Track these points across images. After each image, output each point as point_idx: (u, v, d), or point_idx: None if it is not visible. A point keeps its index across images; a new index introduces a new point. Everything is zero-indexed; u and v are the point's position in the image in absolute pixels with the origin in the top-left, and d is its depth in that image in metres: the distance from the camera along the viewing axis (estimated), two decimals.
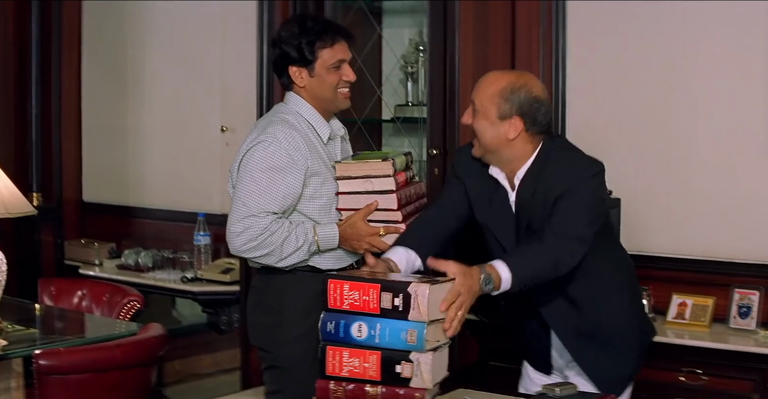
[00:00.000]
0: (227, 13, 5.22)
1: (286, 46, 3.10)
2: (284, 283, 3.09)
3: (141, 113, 5.74)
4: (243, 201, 3.00)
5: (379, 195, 3.06)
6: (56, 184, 5.89)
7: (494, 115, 2.87)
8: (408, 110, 4.74)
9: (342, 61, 3.12)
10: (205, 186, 5.37)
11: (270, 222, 2.98)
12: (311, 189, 3.06)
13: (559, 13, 4.10)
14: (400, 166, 3.12)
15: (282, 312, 3.08)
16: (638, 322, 3.11)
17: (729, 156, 3.87)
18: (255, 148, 3.02)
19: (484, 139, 2.91)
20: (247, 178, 3.01)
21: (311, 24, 3.11)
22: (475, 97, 2.92)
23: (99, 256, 5.59)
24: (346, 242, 3.08)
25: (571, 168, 2.87)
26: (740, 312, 3.74)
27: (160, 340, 3.59)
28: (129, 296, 4.27)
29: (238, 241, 2.99)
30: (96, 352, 3.49)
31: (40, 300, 4.49)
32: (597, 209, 2.89)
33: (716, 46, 3.87)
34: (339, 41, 3.11)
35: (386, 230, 3.06)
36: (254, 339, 3.21)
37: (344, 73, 3.13)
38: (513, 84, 2.87)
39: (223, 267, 5.00)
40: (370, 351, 2.52)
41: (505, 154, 2.91)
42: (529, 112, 2.86)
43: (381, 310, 2.50)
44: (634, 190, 3.99)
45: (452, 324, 2.57)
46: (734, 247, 3.85)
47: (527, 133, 2.88)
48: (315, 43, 3.07)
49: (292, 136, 3.03)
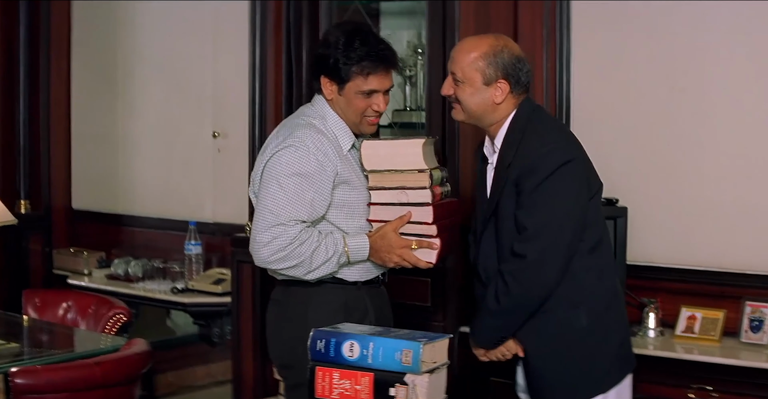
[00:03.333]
0: (219, 15, 5.23)
1: (325, 51, 2.99)
2: (308, 295, 3.00)
3: (131, 118, 5.76)
4: (270, 209, 2.88)
5: (413, 207, 2.96)
6: (45, 192, 5.91)
7: (479, 81, 2.90)
8: (406, 115, 4.67)
9: (375, 92, 3.00)
10: (197, 193, 5.37)
11: (299, 231, 2.87)
12: (340, 197, 2.98)
13: (563, 14, 4.05)
14: (436, 180, 3.01)
15: (307, 325, 2.91)
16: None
17: (740, 162, 3.81)
18: (281, 153, 2.92)
19: (470, 106, 2.94)
20: (274, 184, 2.90)
21: (358, 44, 2.96)
22: (454, 66, 2.93)
23: (88, 266, 5.60)
24: (376, 254, 2.98)
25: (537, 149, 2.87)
26: (752, 326, 3.68)
27: (143, 356, 3.54)
28: (115, 309, 4.26)
29: (265, 251, 2.87)
30: (75, 371, 3.44)
31: (25, 312, 4.48)
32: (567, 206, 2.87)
33: (725, 48, 3.81)
34: (377, 72, 2.98)
35: (419, 244, 2.96)
36: (276, 356, 3.11)
37: (374, 102, 3.02)
38: (494, 47, 2.90)
39: (215, 277, 4.97)
40: (362, 372, 2.43)
41: (488, 119, 2.96)
42: (513, 73, 2.91)
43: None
44: (641, 198, 3.94)
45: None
46: (746, 258, 3.78)
47: (511, 95, 2.93)
48: (351, 67, 2.96)
49: (320, 142, 2.94)
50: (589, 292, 2.94)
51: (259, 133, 4.63)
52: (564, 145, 2.91)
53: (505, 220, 2.92)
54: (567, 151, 2.88)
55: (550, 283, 2.86)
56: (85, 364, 3.43)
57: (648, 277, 3.91)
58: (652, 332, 3.78)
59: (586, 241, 2.91)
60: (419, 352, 2.37)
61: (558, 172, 2.83)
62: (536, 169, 2.83)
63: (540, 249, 2.83)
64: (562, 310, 2.91)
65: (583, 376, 2.95)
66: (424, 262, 2.97)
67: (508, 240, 2.90)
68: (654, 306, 3.80)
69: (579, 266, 2.90)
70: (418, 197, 2.95)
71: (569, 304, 2.91)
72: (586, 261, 2.92)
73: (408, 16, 4.71)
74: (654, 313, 3.79)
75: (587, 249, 2.92)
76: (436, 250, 2.96)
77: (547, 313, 2.91)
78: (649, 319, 3.79)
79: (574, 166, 2.86)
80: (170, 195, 5.53)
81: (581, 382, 2.96)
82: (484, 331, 3.00)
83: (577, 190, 2.88)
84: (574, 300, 2.91)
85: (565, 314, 2.91)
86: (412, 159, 2.94)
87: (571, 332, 2.93)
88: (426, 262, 2.97)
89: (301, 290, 2.99)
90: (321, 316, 2.94)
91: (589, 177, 2.96)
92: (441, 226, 2.99)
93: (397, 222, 2.95)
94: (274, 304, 3.11)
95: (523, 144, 2.89)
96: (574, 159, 2.87)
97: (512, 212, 2.89)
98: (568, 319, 2.92)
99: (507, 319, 2.93)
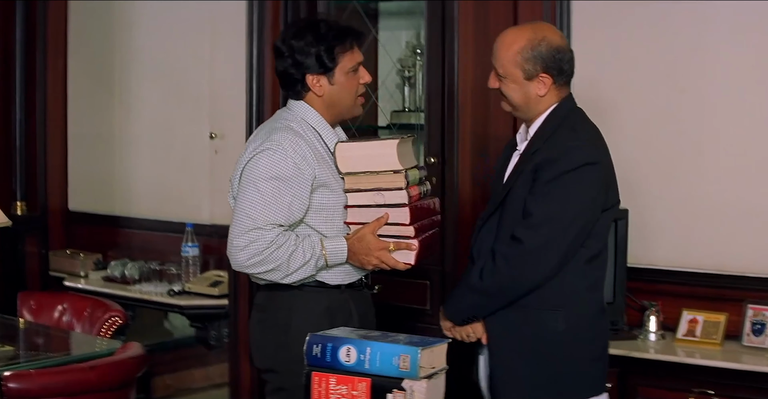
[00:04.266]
0: (216, 15, 5.20)
1: (300, 55, 2.99)
2: (291, 299, 2.99)
3: (128, 119, 5.73)
4: (247, 213, 2.88)
5: (390, 208, 2.95)
6: (41, 193, 5.88)
7: (521, 77, 2.90)
8: (404, 116, 4.65)
9: (359, 64, 3.05)
10: (194, 195, 5.34)
11: (276, 235, 2.87)
12: (318, 200, 2.96)
13: (563, 14, 4.03)
14: (413, 180, 3.00)
15: (289, 330, 2.97)
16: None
17: (742, 164, 3.78)
18: (258, 157, 2.91)
19: (515, 100, 2.94)
20: (251, 188, 2.89)
21: (325, 29, 3.00)
22: (495, 62, 2.94)
23: (84, 268, 5.57)
24: (354, 257, 2.97)
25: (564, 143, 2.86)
26: (754, 329, 3.65)
27: (138, 360, 3.52)
28: (111, 311, 4.26)
29: (241, 255, 2.86)
30: (69, 375, 3.42)
31: (20, 314, 4.48)
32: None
33: (728, 47, 3.79)
34: (355, 45, 3.04)
35: (397, 246, 2.95)
36: (259, 360, 3.09)
37: (361, 76, 3.06)
38: (532, 41, 2.88)
39: (212, 280, 4.95)
40: (359, 378, 2.38)
41: (534, 110, 2.95)
42: (554, 65, 2.89)
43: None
44: (641, 199, 3.91)
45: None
46: (747, 260, 3.76)
47: (555, 86, 2.92)
48: (334, 49, 2.99)
49: (298, 144, 2.93)
50: (575, 300, 2.88)
51: None
52: (593, 146, 2.89)
53: (513, 203, 2.88)
54: (594, 153, 2.86)
55: (539, 276, 2.82)
56: (80, 368, 3.41)
57: (649, 279, 3.88)
58: (653, 336, 3.75)
59: (588, 250, 2.87)
60: (417, 357, 2.32)
61: (579, 170, 2.80)
62: (558, 160, 2.81)
63: (540, 238, 2.79)
64: (539, 308, 2.87)
65: (543, 381, 2.90)
66: (403, 263, 2.96)
67: (511, 224, 2.87)
68: (655, 309, 3.76)
69: (573, 271, 2.85)
70: (394, 198, 2.94)
71: (549, 305, 2.86)
72: (582, 268, 2.88)
73: (407, 16, 4.69)
74: (655, 317, 3.75)
75: (586, 257, 2.88)
76: (415, 251, 2.95)
77: (524, 308, 2.87)
78: (650, 323, 3.76)
79: (596, 170, 2.84)
80: (167, 196, 5.50)
81: (538, 386, 2.90)
82: (457, 304, 2.98)
83: (593, 194, 2.85)
84: (555, 302, 2.86)
85: (542, 314, 2.87)
86: (386, 160, 2.93)
87: (544, 332, 2.88)
88: (404, 263, 2.96)
89: (283, 295, 2.99)
90: (304, 321, 2.94)
91: (609, 189, 2.93)
92: (420, 227, 2.98)
93: (375, 224, 2.94)
94: (257, 310, 3.10)
95: (554, 136, 2.88)
96: (598, 162, 2.85)
97: (522, 197, 2.86)
98: (543, 320, 2.87)
99: (484, 299, 2.90)
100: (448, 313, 3.02)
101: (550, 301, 2.86)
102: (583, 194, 2.83)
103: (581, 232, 2.83)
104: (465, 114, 3.96)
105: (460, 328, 3.00)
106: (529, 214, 2.82)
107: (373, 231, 2.94)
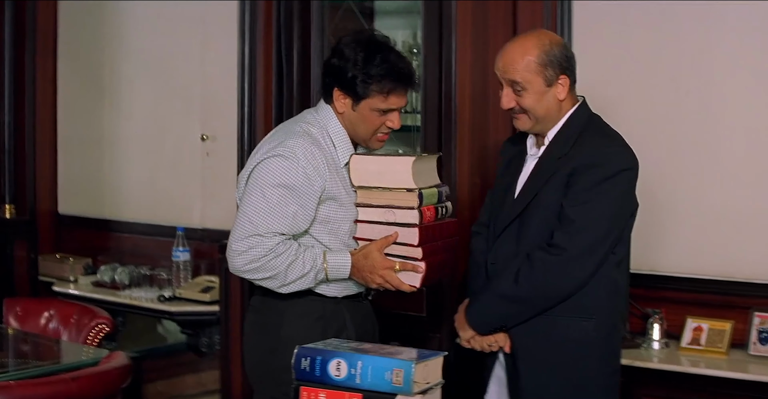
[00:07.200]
0: (207, 15, 5.20)
1: (342, 63, 2.90)
2: (284, 305, 2.95)
3: (118, 121, 5.73)
4: (249, 217, 2.83)
5: (400, 227, 2.87)
6: (30, 196, 5.88)
7: (542, 85, 2.88)
8: (401, 118, 4.53)
9: (391, 110, 2.95)
10: (185, 198, 5.33)
11: (276, 243, 2.82)
12: (325, 212, 2.91)
13: (564, 14, 4.03)
14: (429, 199, 2.91)
15: (280, 337, 2.92)
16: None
17: (747, 168, 3.76)
18: (270, 161, 2.86)
19: (539, 112, 2.90)
20: (257, 192, 2.85)
21: (379, 61, 2.89)
22: (512, 74, 2.88)
23: (74, 273, 5.55)
24: (358, 273, 2.91)
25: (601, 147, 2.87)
26: (760, 337, 3.64)
27: (121, 371, 3.49)
28: (98, 318, 4.21)
29: (239, 260, 2.83)
30: (50, 386, 3.35)
31: (5, 321, 4.43)
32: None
33: (733, 48, 3.76)
34: (398, 92, 2.92)
35: (402, 266, 2.88)
36: (249, 365, 3.05)
37: (389, 119, 2.96)
38: (542, 46, 2.87)
39: (203, 285, 4.89)
40: (349, 393, 2.32)
41: (554, 119, 2.94)
42: (568, 65, 2.91)
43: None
44: (646, 203, 3.80)
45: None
46: (754, 267, 3.73)
47: (571, 88, 2.94)
48: (371, 85, 2.89)
49: (312, 154, 2.86)
50: (603, 306, 2.87)
51: (248, 136, 4.63)
52: (629, 151, 2.90)
53: (545, 209, 2.85)
54: (632, 158, 2.90)
55: (578, 282, 2.81)
56: (61, 380, 3.34)
57: (652, 286, 3.85)
58: (657, 344, 3.72)
59: (615, 255, 2.87)
60: (411, 372, 2.25)
61: (619, 175, 2.84)
62: (599, 166, 2.81)
63: (583, 244, 2.79)
64: (571, 316, 2.84)
65: (570, 391, 2.86)
66: (407, 285, 2.88)
67: (544, 229, 2.83)
68: (658, 316, 3.75)
69: (602, 277, 2.84)
70: (405, 217, 2.87)
71: (583, 312, 2.84)
72: (610, 274, 2.87)
73: (403, 16, 4.65)
74: (658, 324, 3.73)
75: (615, 262, 2.88)
76: (421, 274, 2.87)
77: (552, 314, 2.84)
78: (654, 331, 3.74)
79: (632, 175, 2.89)
80: (158, 200, 5.50)
81: (565, 397, 2.87)
82: (485, 313, 2.91)
83: (629, 200, 2.90)
84: (586, 309, 2.84)
85: (574, 321, 2.84)
86: (401, 177, 2.85)
87: (575, 342, 2.85)
88: (409, 285, 2.89)
89: (277, 300, 2.94)
90: (296, 328, 2.91)
91: (633, 194, 2.95)
92: (429, 249, 2.90)
93: (382, 241, 2.88)
94: (251, 312, 3.07)
95: (584, 139, 2.88)
96: (633, 168, 2.88)
97: (554, 201, 2.83)
98: (573, 326, 2.85)
99: (517, 307, 2.85)
100: (475, 323, 2.95)
101: (579, 308, 2.84)
102: (621, 201, 2.87)
103: (616, 237, 2.85)
104: (463, 116, 3.93)
105: (481, 338, 2.95)
106: (570, 221, 2.80)
107: (380, 249, 2.88)
